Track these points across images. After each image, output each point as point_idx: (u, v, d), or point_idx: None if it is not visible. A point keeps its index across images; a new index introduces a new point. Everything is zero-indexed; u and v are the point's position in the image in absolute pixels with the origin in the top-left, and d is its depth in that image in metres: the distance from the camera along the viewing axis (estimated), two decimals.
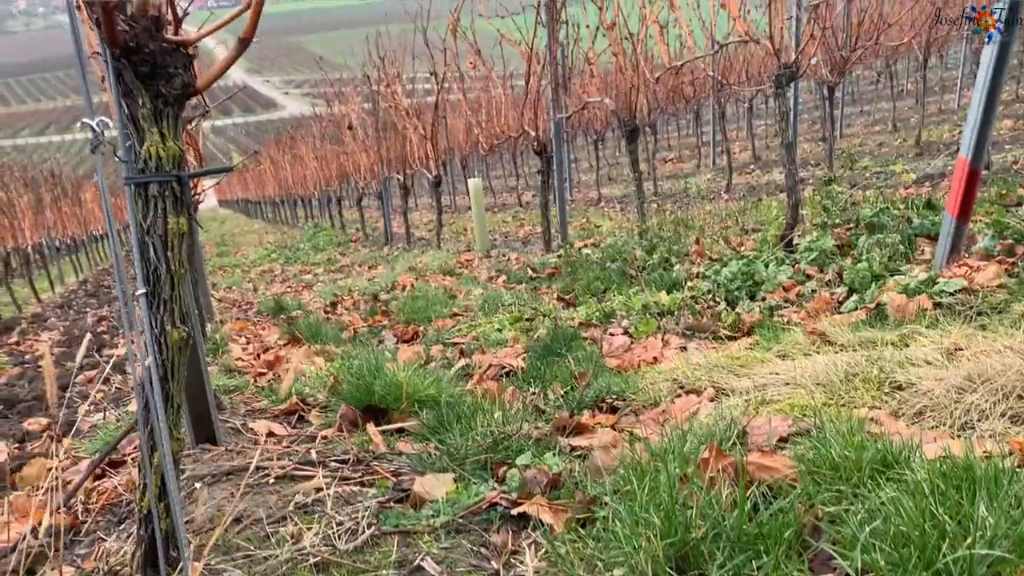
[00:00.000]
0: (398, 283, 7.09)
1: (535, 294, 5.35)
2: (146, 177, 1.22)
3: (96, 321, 8.96)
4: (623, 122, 5.64)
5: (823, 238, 3.88)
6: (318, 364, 3.55)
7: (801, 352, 2.31)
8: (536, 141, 6.88)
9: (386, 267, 9.32)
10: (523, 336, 3.46)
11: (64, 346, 6.93)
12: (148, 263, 1.24)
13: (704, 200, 9.31)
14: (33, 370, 5.69)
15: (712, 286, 3.80)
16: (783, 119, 4.04)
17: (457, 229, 12.86)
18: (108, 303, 11.84)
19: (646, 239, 5.29)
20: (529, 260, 6.80)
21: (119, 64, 1.21)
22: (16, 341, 8.07)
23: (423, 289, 6.45)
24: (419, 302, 5.19)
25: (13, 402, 4.11)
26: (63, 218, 19.00)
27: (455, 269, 7.59)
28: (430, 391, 2.34)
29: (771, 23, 3.94)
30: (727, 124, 13.03)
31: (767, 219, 6.45)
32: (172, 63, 1.24)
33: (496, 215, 14.08)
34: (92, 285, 15.96)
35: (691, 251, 4.97)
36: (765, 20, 4.09)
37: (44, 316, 10.90)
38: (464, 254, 8.58)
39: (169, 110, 1.25)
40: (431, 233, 12.98)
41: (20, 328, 9.37)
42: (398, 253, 10.93)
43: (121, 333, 7.01)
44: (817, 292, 3.37)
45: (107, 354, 6.14)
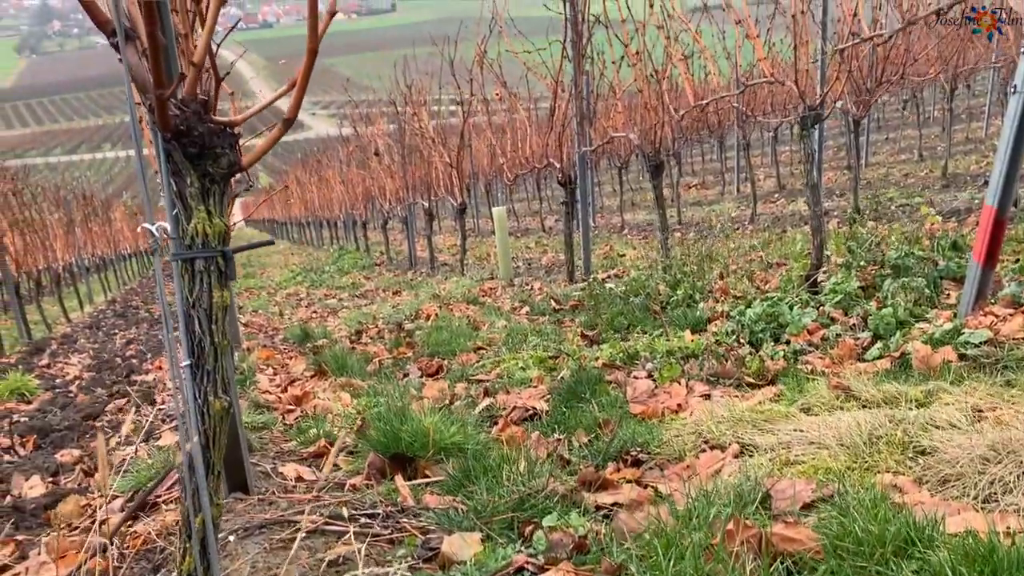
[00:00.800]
0: (422, 312, 7.14)
1: (558, 327, 5.38)
2: (193, 253, 1.28)
3: (125, 344, 9.09)
4: (647, 156, 5.68)
5: (848, 280, 3.89)
6: (344, 400, 3.60)
7: (825, 407, 2.32)
8: (561, 172, 6.94)
9: (410, 293, 9.39)
10: (547, 376, 3.49)
11: (94, 370, 7.04)
12: (193, 335, 1.29)
13: (728, 232, 9.30)
14: (64, 395, 5.79)
15: (736, 327, 3.81)
16: (808, 160, 4.06)
17: (480, 254, 12.92)
18: (136, 324, 12.02)
19: (670, 275, 5.31)
20: (552, 291, 6.84)
21: (169, 145, 1.27)
22: (47, 363, 8.21)
23: (447, 319, 6.50)
24: (443, 334, 5.24)
25: (46, 431, 4.19)
26: (92, 237, 19.32)
27: (478, 298, 7.63)
28: (456, 438, 2.37)
29: (796, 65, 3.97)
30: (751, 150, 13.03)
31: (791, 253, 6.45)
32: (219, 143, 1.30)
33: (519, 240, 14.15)
34: (120, 305, 16.19)
35: (715, 287, 4.98)
36: (791, 46, 4.13)
37: (74, 337, 11.07)
38: (487, 282, 8.64)
39: (215, 188, 1.30)
40: (455, 258, 13.06)
41: (50, 350, 9.53)
42: (422, 279, 11.00)
43: (150, 359, 7.12)
44: (842, 336, 3.37)
45: (136, 380, 6.24)
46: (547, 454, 2.44)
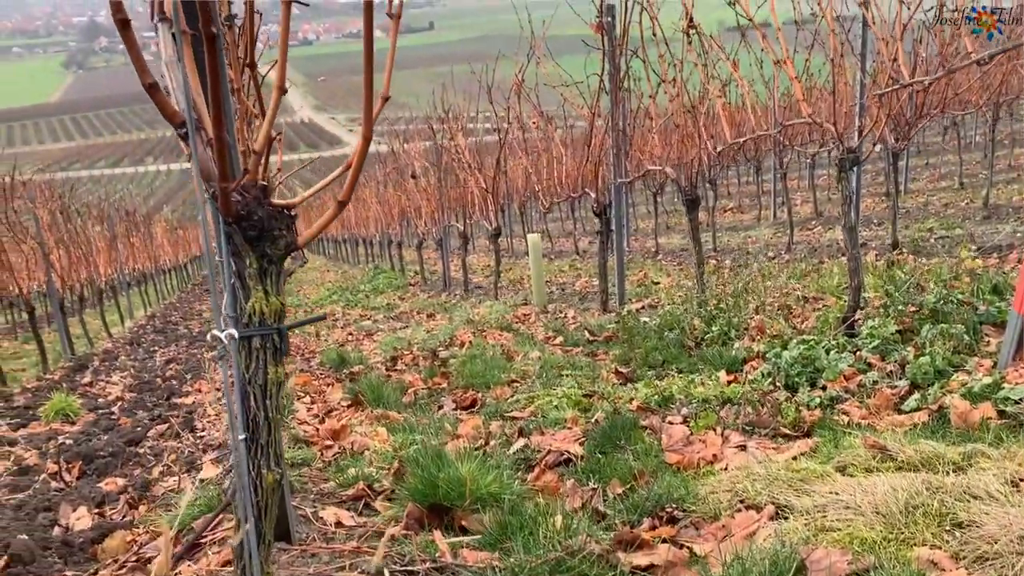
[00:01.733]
0: (456, 338, 7.20)
1: (592, 360, 5.40)
2: (251, 331, 1.34)
3: (165, 363, 9.27)
4: (683, 190, 5.70)
5: (885, 324, 3.87)
6: (381, 436, 3.65)
7: (861, 467, 2.32)
8: (596, 202, 6.97)
9: (444, 317, 9.45)
10: (582, 417, 3.52)
11: (135, 391, 7.19)
12: (248, 410, 1.34)
13: (764, 270, 9.26)
14: (107, 417, 5.93)
15: (773, 369, 3.81)
16: (846, 203, 4.06)
17: (514, 277, 12.97)
18: (175, 341, 12.24)
19: (705, 311, 5.31)
20: (586, 320, 6.86)
21: (230, 229, 1.33)
22: (89, 382, 8.40)
23: (480, 347, 6.55)
24: (477, 365, 5.28)
25: (91, 457, 4.31)
26: (134, 252, 19.74)
27: (512, 324, 7.68)
28: (493, 488, 2.41)
29: (835, 108, 3.98)
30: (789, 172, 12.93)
31: (828, 287, 6.41)
32: (277, 226, 1.36)
33: (553, 262, 14.18)
34: (160, 321, 16.50)
35: (751, 325, 4.97)
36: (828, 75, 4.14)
37: (115, 353, 11.31)
38: (521, 308, 8.68)
39: (273, 268, 1.36)
40: (488, 280, 13.13)
41: (93, 367, 9.75)
42: (456, 301, 11.07)
43: (190, 381, 7.26)
44: (879, 384, 3.35)
45: (177, 402, 6.38)
46: (582, 504, 2.47)
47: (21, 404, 7.16)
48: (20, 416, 6.46)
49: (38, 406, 6.88)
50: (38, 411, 6.40)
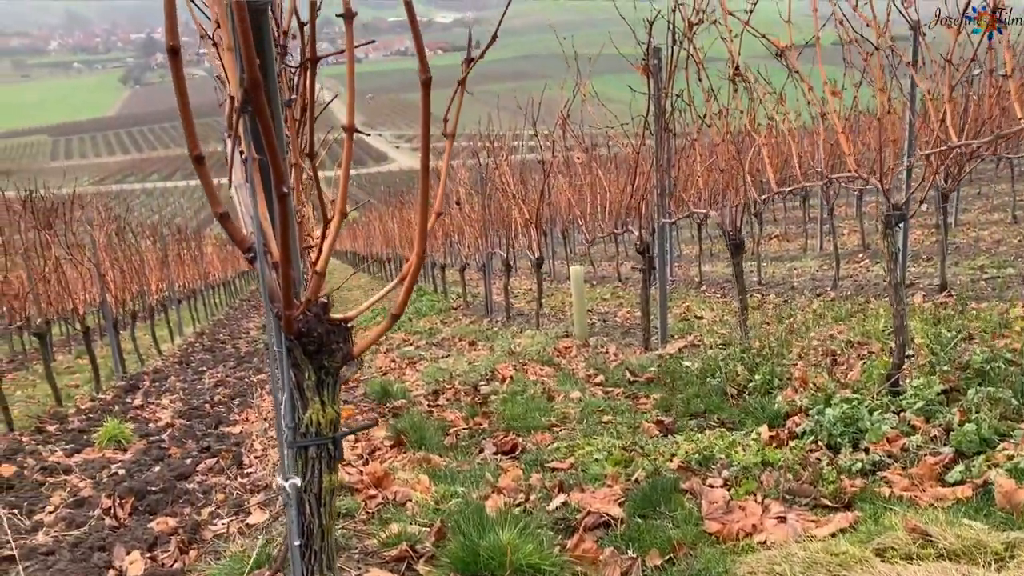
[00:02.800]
0: (497, 372, 7.26)
1: (633, 404, 5.42)
2: (307, 441, 1.41)
3: (213, 386, 9.49)
4: (728, 235, 5.70)
5: (930, 384, 3.84)
6: (423, 485, 3.72)
7: (901, 552, 2.32)
8: (639, 240, 7.00)
9: (486, 346, 9.52)
10: (622, 473, 3.55)
11: (184, 417, 7.38)
12: (303, 518, 1.42)
13: (808, 295, 9.18)
14: (158, 446, 6.10)
15: (815, 426, 3.80)
16: (892, 259, 4.04)
17: (555, 304, 13.00)
18: (223, 361, 12.50)
19: (748, 358, 5.30)
20: (628, 359, 6.87)
21: (291, 343, 1.41)
22: (140, 404, 8.64)
23: (521, 383, 6.61)
24: (518, 407, 5.34)
25: (143, 493, 4.44)
26: (184, 270, 20.20)
27: (553, 358, 7.72)
28: (532, 559, 2.46)
29: (881, 164, 3.97)
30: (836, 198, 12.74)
31: (873, 331, 6.34)
32: (335, 339, 1.43)
33: (595, 288, 14.19)
34: (208, 338, 16.84)
35: (794, 374, 4.95)
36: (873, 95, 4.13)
37: (165, 373, 11.58)
38: (562, 340, 8.71)
39: (330, 379, 1.44)
40: (530, 305, 13.17)
41: (143, 388, 10.01)
42: (498, 329, 11.14)
43: (238, 408, 7.42)
44: (922, 449, 3.33)
45: (225, 432, 6.53)
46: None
47: (76, 427, 7.39)
48: (75, 441, 6.67)
49: (92, 430, 7.10)
50: (92, 436, 6.61)
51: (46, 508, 4.60)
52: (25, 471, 5.67)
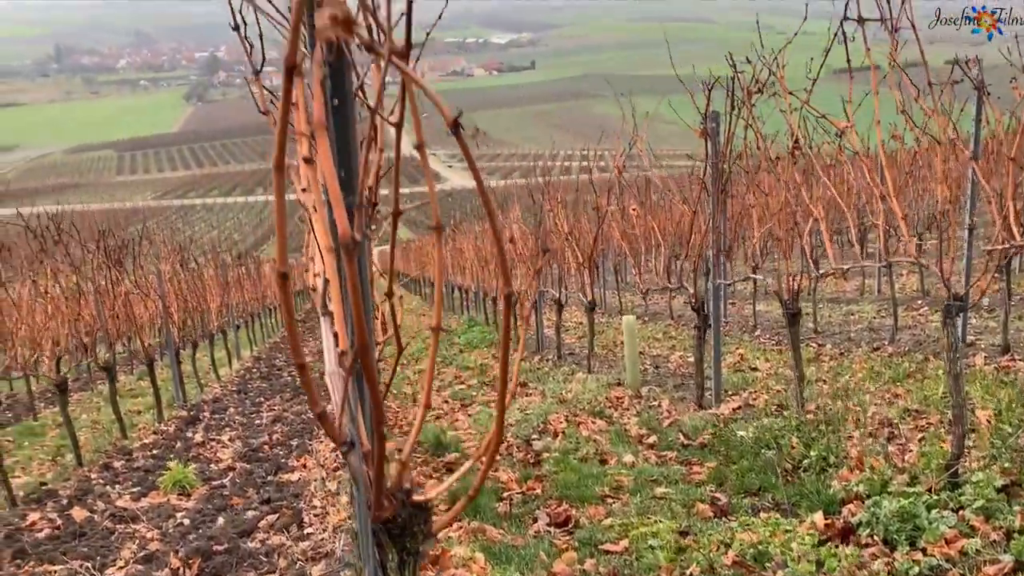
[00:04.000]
0: (550, 424, 7.34)
1: (687, 471, 5.44)
2: None
3: (271, 422, 9.73)
4: (784, 303, 5.71)
5: (990, 480, 3.80)
6: (478, 565, 3.81)
7: None
8: (694, 297, 7.02)
9: (537, 389, 9.59)
10: (676, 564, 3.59)
11: (245, 460, 7.59)
12: None
13: (865, 348, 9.07)
14: (220, 494, 6.30)
15: (871, 518, 3.80)
16: (951, 349, 4.02)
17: (606, 341, 13.01)
18: (280, 391, 12.79)
19: (803, 431, 5.30)
20: (681, 417, 6.89)
21: (376, 527, 1.51)
22: (201, 440, 8.90)
23: (574, 438, 6.68)
24: (571, 473, 5.41)
25: (208, 554, 4.62)
26: (244, 293, 20.71)
27: (605, 410, 7.76)
28: None
29: (940, 256, 3.97)
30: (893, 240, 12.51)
31: (932, 399, 6.27)
32: (417, 522, 1.53)
33: (647, 326, 14.15)
34: (264, 364, 17.23)
35: (850, 452, 4.93)
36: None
37: (224, 403, 11.91)
38: (614, 388, 8.73)
39: (411, 559, 1.54)
40: (581, 342, 13.23)
41: (203, 421, 10.31)
42: (548, 368, 11.21)
43: (295, 452, 7.61)
44: (981, 555, 3.31)
45: (284, 480, 6.72)
46: None
47: (141, 466, 7.67)
48: (141, 483, 6.92)
49: (156, 470, 7.36)
50: (157, 479, 6.85)
51: (116, 562, 4.81)
52: (96, 516, 5.92)
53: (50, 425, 11.27)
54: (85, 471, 7.69)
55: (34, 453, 9.75)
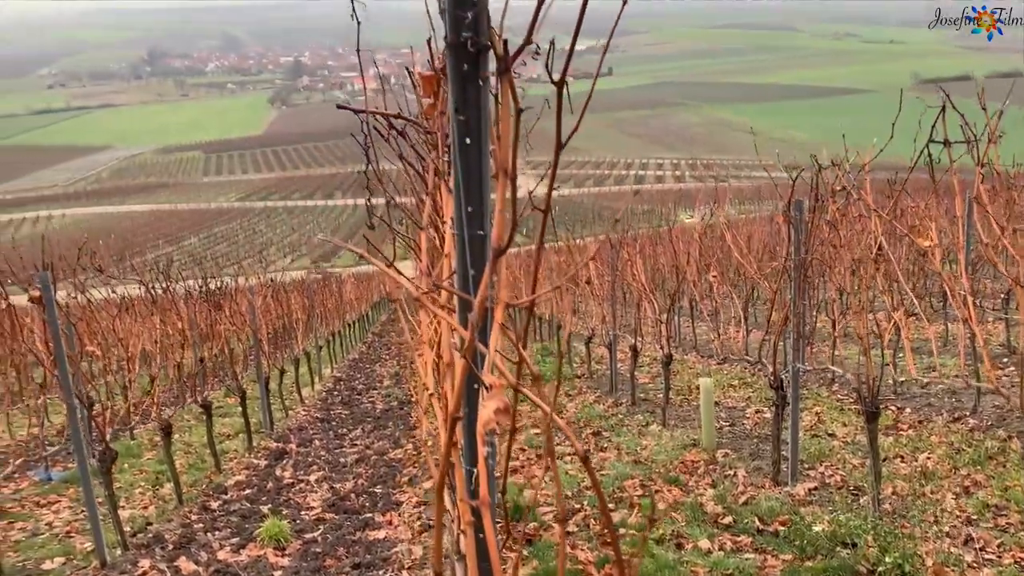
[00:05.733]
0: (626, 491, 7.54)
1: (763, 560, 5.58)
2: None
3: (356, 462, 10.15)
4: (863, 399, 5.79)
5: None
6: None
7: None
8: (772, 376, 7.13)
9: (612, 443, 9.77)
10: None
11: (333, 509, 8.00)
12: None
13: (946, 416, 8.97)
14: (312, 553, 6.70)
15: None
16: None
17: (681, 385, 13.06)
18: (362, 422, 13.25)
19: (879, 532, 5.38)
20: (756, 496, 6.99)
21: None
22: (290, 481, 9.38)
23: (648, 507, 6.87)
24: (648, 561, 5.60)
25: None
26: (327, 316, 21.43)
27: (679, 477, 7.91)
28: None
29: None
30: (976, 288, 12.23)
31: (1014, 495, 6.24)
32: None
33: (721, 369, 14.15)
34: (345, 386, 17.82)
35: (926, 561, 5.00)
36: None
37: (309, 434, 12.42)
38: (689, 450, 8.86)
39: None
40: (655, 382, 13.35)
41: (291, 456, 10.82)
42: (623, 415, 11.36)
43: (380, 509, 7.98)
44: None
45: (370, 538, 7.08)
46: None
47: (237, 511, 8.15)
48: (239, 531, 7.39)
49: (252, 516, 7.84)
50: (254, 529, 7.30)
51: None
52: (201, 570, 6.39)
53: (146, 445, 11.96)
54: (186, 511, 8.21)
55: (135, 479, 10.41)
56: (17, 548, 7.39)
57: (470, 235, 1.60)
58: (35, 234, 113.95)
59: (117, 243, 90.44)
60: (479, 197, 1.60)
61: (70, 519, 8.38)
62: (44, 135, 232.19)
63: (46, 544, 7.45)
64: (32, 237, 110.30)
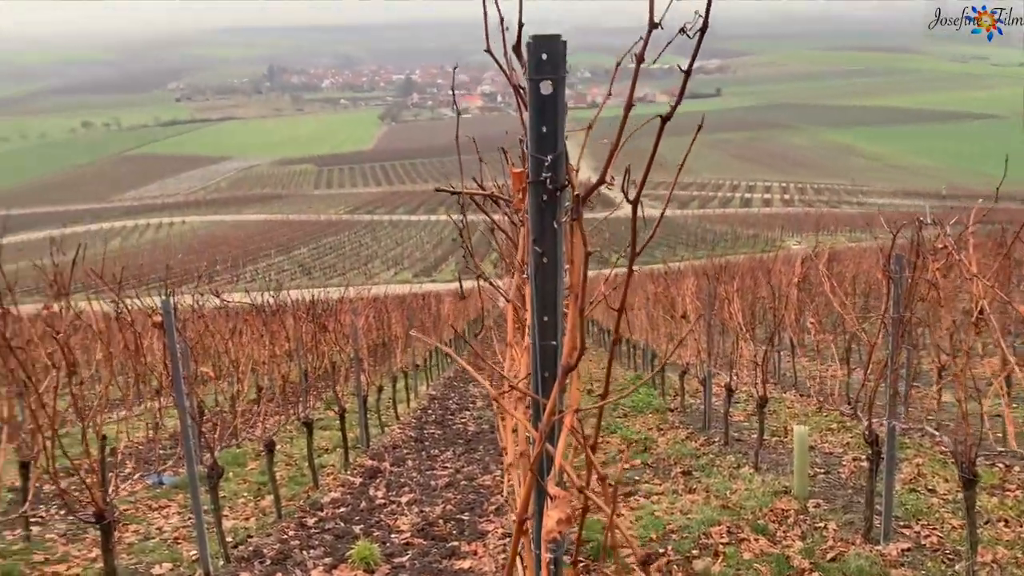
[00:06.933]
0: (712, 538, 7.49)
1: None
2: None
3: (445, 485, 10.40)
4: (960, 465, 5.61)
5: None
6: None
7: None
8: (868, 430, 6.97)
9: (701, 484, 9.68)
10: None
11: (422, 535, 8.24)
12: None
13: None
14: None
15: None
16: None
17: (776, 425, 12.78)
18: (452, 444, 13.52)
19: None
20: (846, 554, 6.83)
21: None
22: (383, 501, 9.69)
23: (734, 561, 6.81)
24: None
25: None
26: (425, 332, 21.95)
27: (768, 526, 7.79)
28: None
29: None
30: None
31: None
32: None
33: (815, 413, 13.75)
34: (439, 406, 18.20)
35: None
36: None
37: (402, 452, 12.77)
38: (781, 498, 8.69)
39: None
40: (750, 422, 13.12)
41: (384, 475, 11.16)
42: (714, 454, 11.23)
43: (467, 538, 8.17)
44: None
45: (457, 570, 7.27)
46: None
47: (331, 529, 8.50)
48: (331, 551, 7.71)
49: (344, 536, 8.17)
50: (346, 550, 7.61)
51: None
52: None
53: (251, 455, 12.56)
54: (284, 526, 8.62)
55: (238, 488, 10.98)
56: (130, 550, 7.93)
57: (543, 344, 1.75)
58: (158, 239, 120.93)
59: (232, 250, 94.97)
60: (552, 311, 1.74)
61: (178, 525, 8.92)
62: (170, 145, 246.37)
63: (156, 549, 7.96)
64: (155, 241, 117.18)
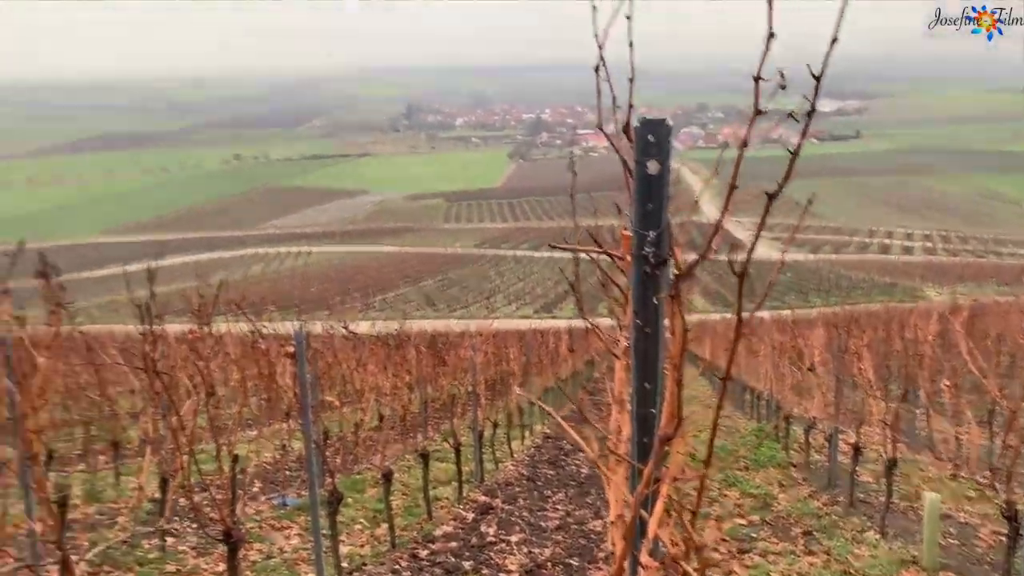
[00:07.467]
0: None
1: None
2: None
3: (555, 528, 10.40)
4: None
5: None
6: None
7: None
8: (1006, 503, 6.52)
9: (821, 547, 9.27)
10: None
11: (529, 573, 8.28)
12: None
13: None
14: None
15: None
16: None
17: (907, 491, 12.06)
18: (564, 486, 13.48)
19: None
20: None
21: None
22: (493, 539, 9.78)
23: None
24: None
25: None
26: (542, 369, 22.06)
27: None
28: None
29: None
30: None
31: None
32: None
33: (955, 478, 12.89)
34: (554, 446, 18.17)
35: None
36: None
37: (514, 491, 12.84)
38: (908, 568, 8.22)
39: None
40: (878, 484, 12.44)
41: (496, 512, 11.26)
42: (837, 516, 10.72)
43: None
44: None
45: None
46: None
47: (441, 563, 8.66)
48: None
49: (455, 572, 8.30)
50: None
51: None
52: None
53: (370, 482, 12.93)
54: (396, 555, 8.84)
55: (356, 514, 11.32)
56: (253, 568, 8.34)
57: (643, 412, 1.80)
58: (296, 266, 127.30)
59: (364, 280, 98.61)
60: (653, 379, 1.79)
61: (299, 547, 9.30)
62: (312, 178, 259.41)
63: (277, 568, 8.34)
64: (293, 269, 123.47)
